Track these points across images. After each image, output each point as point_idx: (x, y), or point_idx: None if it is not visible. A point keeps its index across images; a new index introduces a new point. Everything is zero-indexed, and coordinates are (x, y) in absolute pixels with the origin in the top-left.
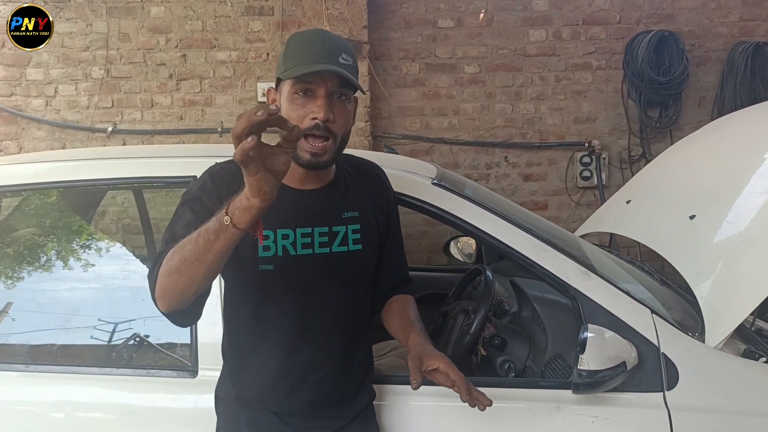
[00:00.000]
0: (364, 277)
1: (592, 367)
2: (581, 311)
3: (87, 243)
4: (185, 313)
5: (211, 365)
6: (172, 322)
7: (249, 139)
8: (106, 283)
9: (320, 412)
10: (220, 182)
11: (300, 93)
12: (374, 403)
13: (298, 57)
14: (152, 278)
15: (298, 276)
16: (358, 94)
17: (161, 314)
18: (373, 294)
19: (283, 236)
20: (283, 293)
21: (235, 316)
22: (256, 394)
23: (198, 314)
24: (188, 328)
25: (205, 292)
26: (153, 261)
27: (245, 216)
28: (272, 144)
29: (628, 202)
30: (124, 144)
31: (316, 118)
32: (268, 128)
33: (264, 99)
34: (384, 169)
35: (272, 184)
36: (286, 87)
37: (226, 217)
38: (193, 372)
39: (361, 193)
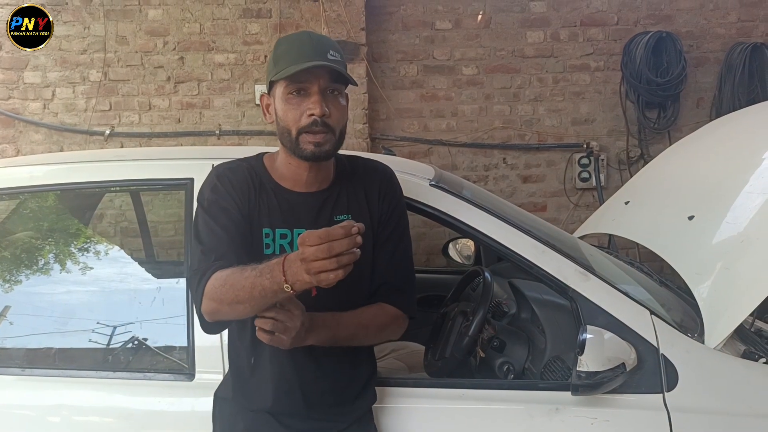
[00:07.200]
0: (359, 280)
1: (591, 369)
2: (580, 312)
3: (84, 246)
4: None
5: (209, 368)
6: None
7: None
8: (104, 287)
9: (318, 413)
10: (228, 183)
11: (294, 93)
12: (372, 405)
13: (288, 58)
14: (197, 296)
15: None
16: (355, 91)
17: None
18: None
19: (281, 236)
20: (303, 294)
21: None
22: (254, 394)
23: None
24: (185, 332)
25: None
26: (195, 278)
27: (304, 287)
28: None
29: (626, 203)
30: (121, 147)
31: (312, 114)
32: None
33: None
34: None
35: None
36: (280, 89)
37: (286, 285)
38: (191, 375)
39: (357, 195)
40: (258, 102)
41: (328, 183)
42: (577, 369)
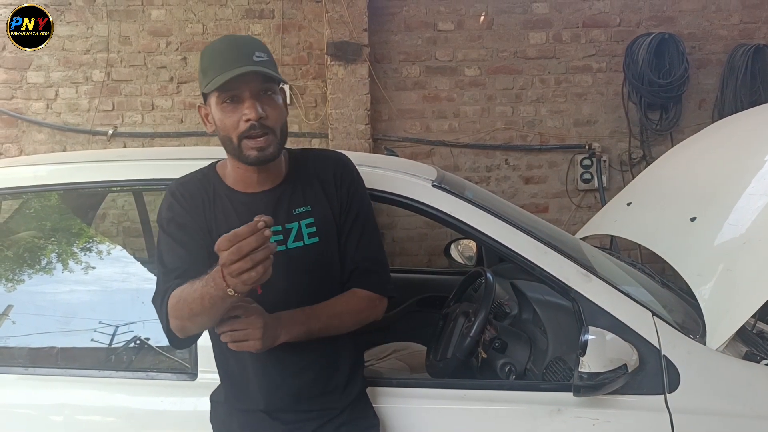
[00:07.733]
0: (329, 269)
1: (593, 370)
2: (582, 313)
3: (87, 246)
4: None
5: (211, 368)
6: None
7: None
8: (106, 286)
9: (307, 404)
10: (182, 198)
11: (228, 101)
12: (375, 406)
13: (214, 68)
14: (162, 315)
15: None
16: (357, 92)
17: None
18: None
19: None
20: (250, 293)
21: None
22: (243, 395)
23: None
24: None
25: None
26: (158, 299)
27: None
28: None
29: (628, 204)
30: (124, 147)
31: (249, 119)
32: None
33: None
34: (383, 171)
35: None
36: (213, 99)
37: (229, 290)
38: (193, 375)
39: (313, 186)
40: None
41: (281, 179)
42: (579, 370)
